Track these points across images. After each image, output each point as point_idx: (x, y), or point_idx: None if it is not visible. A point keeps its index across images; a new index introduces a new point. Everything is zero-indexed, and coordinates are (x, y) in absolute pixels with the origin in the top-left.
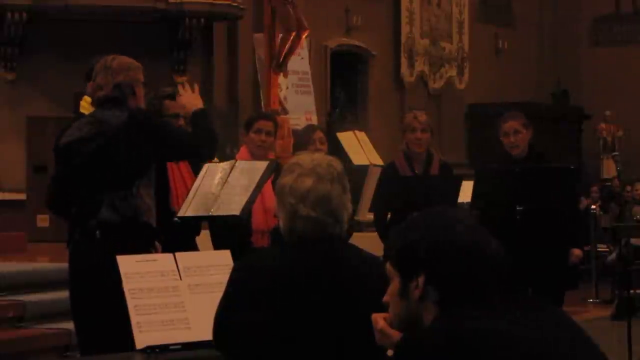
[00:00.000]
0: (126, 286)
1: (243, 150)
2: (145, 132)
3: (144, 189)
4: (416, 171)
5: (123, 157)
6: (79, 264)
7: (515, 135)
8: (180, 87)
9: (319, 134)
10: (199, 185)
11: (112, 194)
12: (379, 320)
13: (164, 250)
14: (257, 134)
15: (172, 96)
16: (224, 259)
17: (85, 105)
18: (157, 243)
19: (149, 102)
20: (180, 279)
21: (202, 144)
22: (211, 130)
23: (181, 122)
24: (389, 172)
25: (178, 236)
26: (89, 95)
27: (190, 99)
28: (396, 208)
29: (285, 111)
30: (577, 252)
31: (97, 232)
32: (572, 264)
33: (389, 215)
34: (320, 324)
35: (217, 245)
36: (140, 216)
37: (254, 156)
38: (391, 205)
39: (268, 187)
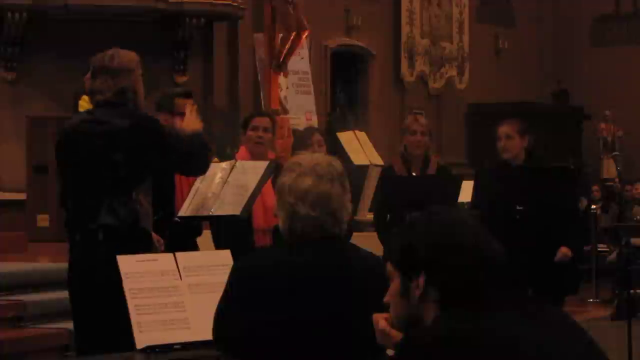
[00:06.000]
0: (126, 286)
1: (242, 150)
2: (149, 139)
3: (144, 195)
4: (413, 173)
5: (124, 160)
6: (82, 266)
7: (507, 140)
8: (186, 109)
9: (318, 137)
10: (200, 185)
11: (112, 198)
12: (380, 320)
13: (167, 250)
14: (254, 131)
15: (183, 94)
16: (224, 258)
17: (84, 105)
18: (160, 239)
19: (160, 101)
20: (180, 278)
21: (195, 156)
22: (205, 145)
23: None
24: (387, 173)
25: (179, 237)
26: (86, 91)
27: (191, 122)
28: (395, 208)
29: (285, 111)
30: (564, 250)
31: (100, 234)
32: (557, 260)
33: (388, 216)
34: (320, 324)
35: (219, 244)
36: (139, 222)
37: (253, 154)
38: (390, 205)
39: (268, 186)
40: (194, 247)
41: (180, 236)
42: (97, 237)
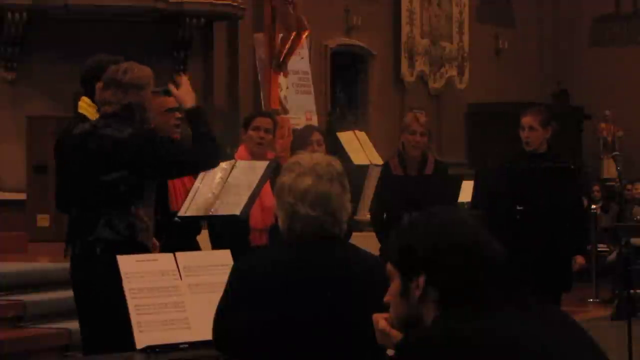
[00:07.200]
0: (126, 286)
1: (241, 148)
2: (145, 154)
3: (144, 209)
4: (409, 172)
5: (122, 175)
6: (82, 277)
7: (530, 131)
8: (171, 86)
9: (317, 136)
10: (200, 185)
11: (110, 212)
12: (380, 320)
13: (165, 250)
14: (256, 131)
15: (163, 93)
16: (224, 258)
17: (84, 106)
18: (156, 242)
19: None
20: (181, 278)
21: (204, 158)
22: (212, 137)
23: (177, 115)
24: (383, 172)
25: (179, 235)
26: (98, 97)
27: (184, 94)
28: (391, 207)
29: (285, 111)
30: (580, 260)
31: (97, 249)
32: (575, 270)
33: (385, 215)
34: (320, 324)
35: (216, 244)
36: (137, 235)
37: (253, 154)
38: (386, 204)
39: (266, 186)
40: (195, 246)
41: (181, 235)
42: (95, 251)
